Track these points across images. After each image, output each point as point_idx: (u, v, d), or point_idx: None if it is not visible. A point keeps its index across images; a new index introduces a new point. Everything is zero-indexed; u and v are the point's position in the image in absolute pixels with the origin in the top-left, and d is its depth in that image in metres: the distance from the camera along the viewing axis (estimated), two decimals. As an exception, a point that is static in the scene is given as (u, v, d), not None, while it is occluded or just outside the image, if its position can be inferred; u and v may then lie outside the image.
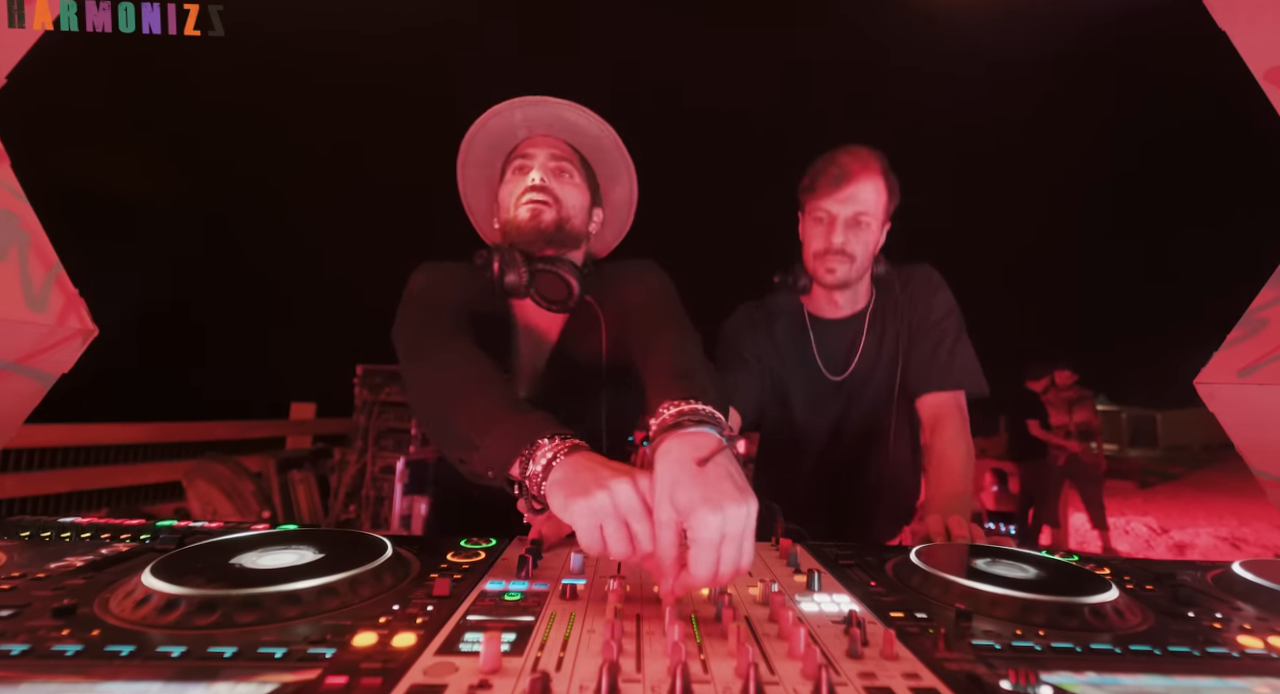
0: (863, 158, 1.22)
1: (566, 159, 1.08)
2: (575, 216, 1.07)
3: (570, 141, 1.09)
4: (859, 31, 20.77)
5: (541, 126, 1.08)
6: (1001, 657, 0.48)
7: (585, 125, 1.09)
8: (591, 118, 1.08)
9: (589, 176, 1.12)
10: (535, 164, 1.06)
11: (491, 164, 1.13)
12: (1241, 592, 0.67)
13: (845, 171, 1.21)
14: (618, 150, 1.12)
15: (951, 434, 1.19)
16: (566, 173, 1.07)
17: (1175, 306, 27.47)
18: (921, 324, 1.29)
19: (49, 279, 1.11)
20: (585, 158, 1.11)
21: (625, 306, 1.03)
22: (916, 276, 1.33)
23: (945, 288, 1.32)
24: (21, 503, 3.64)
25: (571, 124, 1.08)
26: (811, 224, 1.27)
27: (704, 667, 0.44)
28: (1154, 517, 6.60)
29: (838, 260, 1.24)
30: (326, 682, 0.40)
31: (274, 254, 14.17)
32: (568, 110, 1.07)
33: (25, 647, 0.44)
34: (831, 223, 1.23)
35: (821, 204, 1.23)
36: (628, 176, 1.16)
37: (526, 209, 1.03)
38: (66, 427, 3.91)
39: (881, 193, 1.23)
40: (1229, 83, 1.12)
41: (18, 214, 1.07)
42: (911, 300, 1.31)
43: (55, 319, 1.11)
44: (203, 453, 4.04)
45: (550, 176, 1.05)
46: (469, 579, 0.62)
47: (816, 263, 1.27)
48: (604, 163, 1.13)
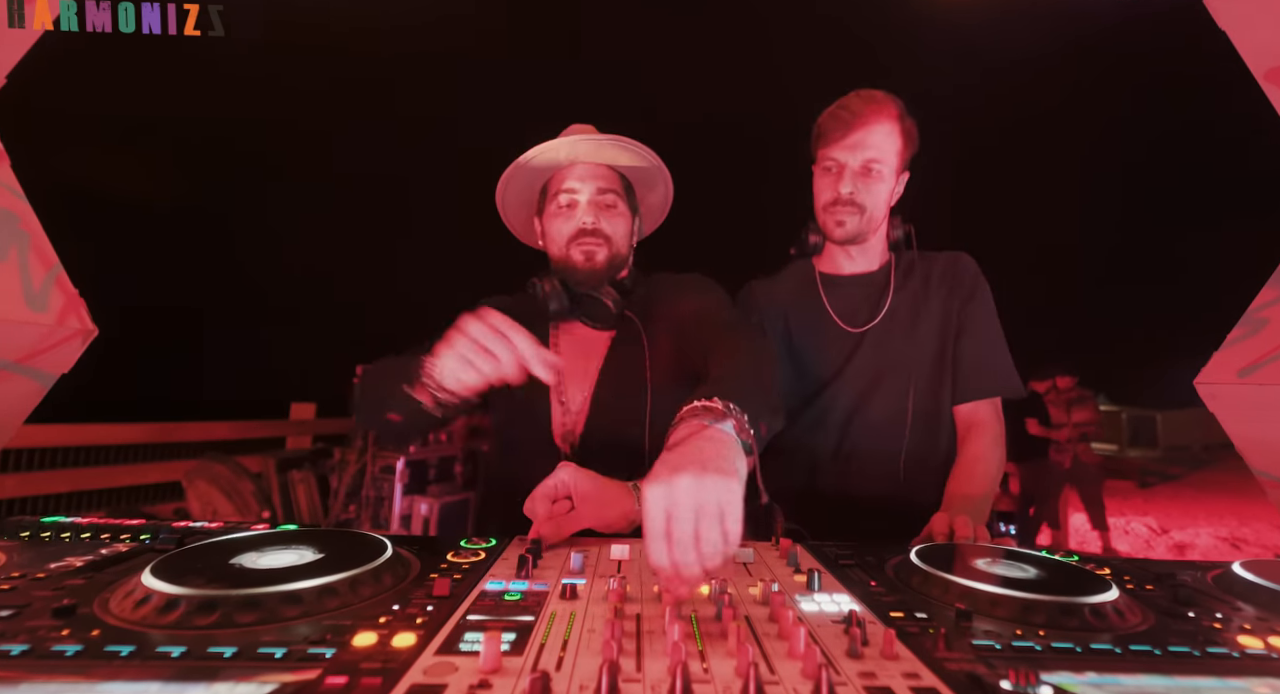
0: (875, 100, 1.14)
1: (612, 190, 1.10)
2: (623, 245, 1.12)
3: (612, 164, 1.12)
4: (857, 34, 20.82)
5: (585, 154, 1.10)
6: (1002, 657, 0.48)
7: (629, 158, 1.12)
8: (635, 149, 1.10)
9: (630, 195, 1.15)
10: (582, 199, 1.09)
11: (532, 189, 1.16)
12: (1241, 592, 0.67)
13: (855, 115, 1.13)
14: (659, 171, 1.15)
15: (988, 442, 1.13)
16: (612, 205, 1.10)
17: (1176, 307, 27.47)
18: (972, 316, 1.19)
19: (49, 279, 1.11)
20: (624, 174, 1.14)
21: (680, 319, 1.08)
22: (963, 262, 1.24)
23: (981, 277, 1.24)
24: (21, 503, 3.63)
25: (606, 149, 1.10)
26: (820, 174, 1.19)
27: (704, 667, 0.44)
28: (1154, 517, 6.60)
29: (847, 211, 1.16)
30: (326, 682, 0.40)
31: (274, 254, 14.18)
32: (610, 147, 1.09)
33: (25, 647, 0.44)
34: (840, 172, 1.15)
35: (830, 152, 1.16)
36: (664, 185, 1.19)
37: (580, 252, 1.08)
38: (66, 427, 3.91)
39: (896, 138, 1.14)
40: (1229, 83, 1.12)
41: (18, 214, 1.07)
42: (960, 285, 1.21)
43: (55, 319, 1.11)
44: (203, 453, 4.04)
45: (599, 213, 1.09)
46: (469, 579, 0.61)
47: (825, 215, 1.19)
48: (644, 179, 1.17)
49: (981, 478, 1.09)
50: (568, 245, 1.08)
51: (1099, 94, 26.72)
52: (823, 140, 1.17)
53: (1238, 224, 20.63)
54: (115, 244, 10.62)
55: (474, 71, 18.86)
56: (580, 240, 1.08)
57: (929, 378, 1.19)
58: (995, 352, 1.19)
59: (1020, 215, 28.53)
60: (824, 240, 1.26)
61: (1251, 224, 14.71)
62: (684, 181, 1.21)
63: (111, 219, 10.85)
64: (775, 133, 23.35)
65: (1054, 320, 28.59)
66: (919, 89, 1.42)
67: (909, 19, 18.05)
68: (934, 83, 23.48)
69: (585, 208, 1.08)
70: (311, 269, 16.33)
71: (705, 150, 20.68)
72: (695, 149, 17.88)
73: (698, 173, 8.72)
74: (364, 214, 19.55)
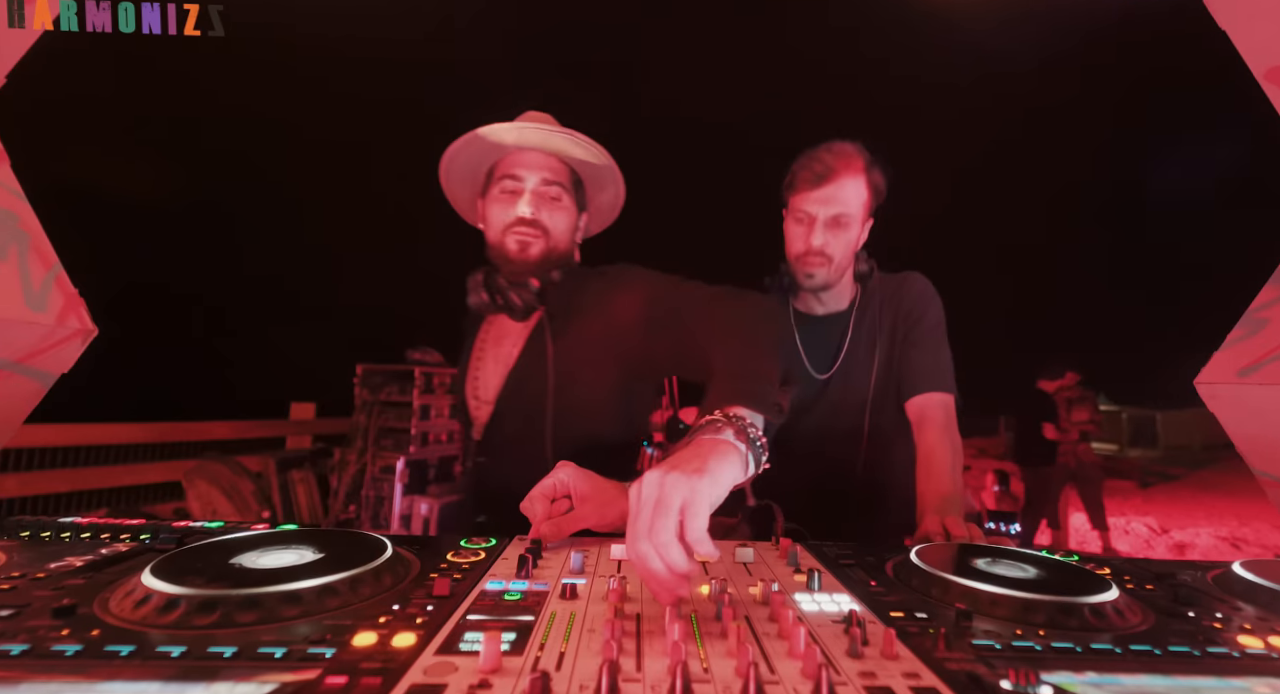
0: (845, 154, 1.21)
1: (558, 183, 1.08)
2: (562, 241, 1.10)
3: (561, 155, 1.10)
4: (857, 36, 20.81)
5: (535, 141, 1.07)
6: (1002, 656, 0.48)
7: (581, 152, 1.10)
8: (588, 145, 1.08)
9: (577, 189, 1.13)
10: (526, 187, 1.06)
11: (477, 168, 1.14)
12: (1242, 592, 0.67)
13: (826, 169, 1.19)
14: (610, 170, 1.13)
15: (937, 432, 1.18)
16: (556, 198, 1.08)
17: (1176, 306, 27.47)
18: (915, 330, 1.29)
19: (49, 279, 1.11)
20: (574, 168, 1.12)
21: (615, 319, 1.05)
22: (910, 285, 1.33)
23: (936, 296, 1.33)
24: (21, 503, 3.63)
25: (556, 140, 1.07)
26: (792, 224, 1.26)
27: (704, 666, 0.44)
28: (1154, 517, 6.60)
29: (816, 264, 1.24)
30: (326, 682, 0.40)
31: (274, 254, 14.18)
32: (560, 138, 1.07)
33: (25, 647, 0.44)
34: (811, 224, 1.22)
35: (801, 204, 1.23)
36: (615, 186, 1.17)
37: (515, 241, 1.06)
38: (66, 426, 3.91)
39: (863, 191, 1.22)
40: (1229, 83, 1.12)
41: (18, 214, 1.07)
42: (905, 307, 1.30)
43: (55, 319, 1.11)
44: (203, 453, 4.04)
45: (540, 204, 1.06)
46: (469, 579, 0.61)
47: (797, 264, 1.27)
48: (595, 177, 1.15)
49: (940, 471, 1.12)
50: (504, 232, 1.06)
51: (1100, 93, 26.72)
52: (795, 190, 1.24)
53: (1238, 224, 20.62)
54: (116, 244, 10.62)
55: (476, 73, 18.90)
56: (516, 229, 1.05)
57: (881, 397, 1.31)
58: (938, 358, 1.28)
59: (1020, 215, 28.50)
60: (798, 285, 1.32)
61: (1251, 224, 14.69)
62: (679, 189, 1.21)
63: (112, 219, 10.85)
64: (772, 133, 23.31)
65: (1054, 320, 28.51)
66: (919, 91, 1.42)
67: (908, 18, 18.06)
68: (934, 82, 23.43)
69: (528, 197, 1.06)
70: (312, 269, 16.34)
71: (700, 159, 20.66)
72: (691, 156, 17.87)
73: (693, 181, 8.60)
74: (365, 214, 19.57)
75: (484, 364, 1.16)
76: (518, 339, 1.13)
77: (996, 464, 4.86)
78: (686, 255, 4.09)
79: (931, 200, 23.84)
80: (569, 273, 1.13)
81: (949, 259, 24.29)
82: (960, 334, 1.36)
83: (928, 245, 8.14)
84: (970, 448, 9.92)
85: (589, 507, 0.79)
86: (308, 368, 7.31)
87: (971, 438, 10.54)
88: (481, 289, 1.09)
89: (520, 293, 1.07)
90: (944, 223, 23.81)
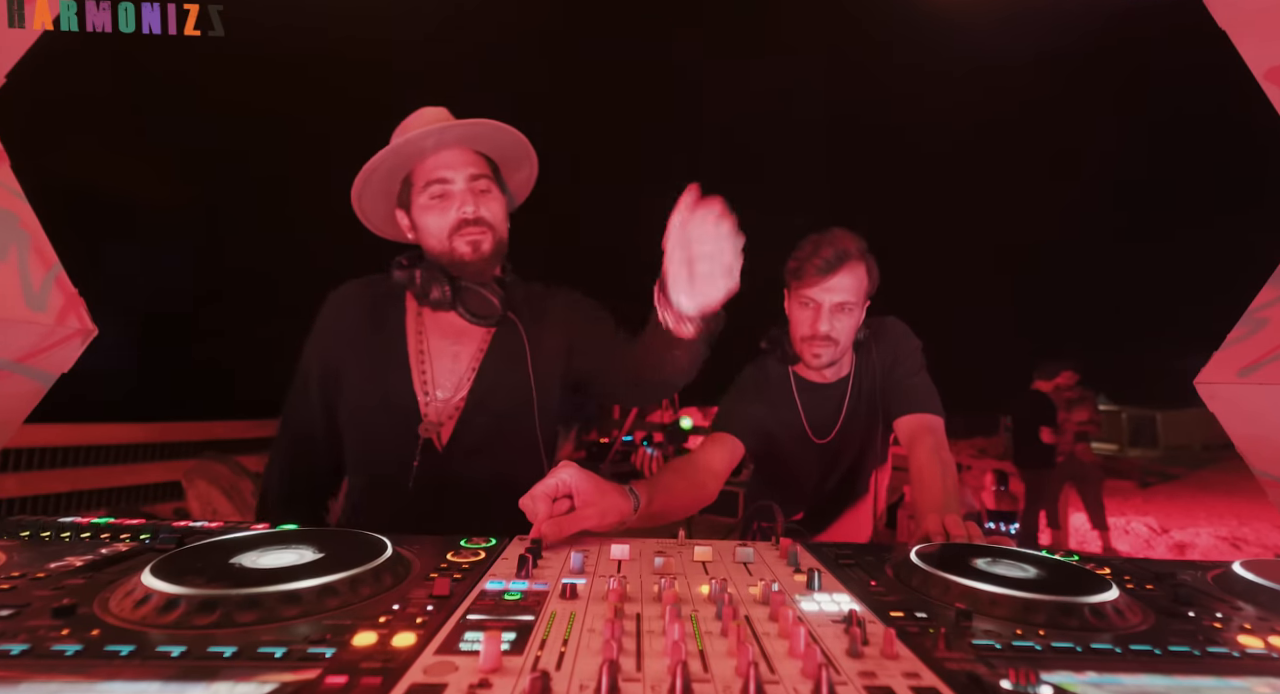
0: (845, 247, 1.29)
1: (484, 175, 1.09)
2: (503, 229, 1.12)
3: (475, 147, 1.10)
4: (858, 30, 20.80)
5: (456, 141, 1.08)
6: (1002, 656, 0.48)
7: (493, 135, 1.10)
8: (505, 131, 1.09)
9: (499, 176, 1.14)
10: (456, 188, 1.06)
11: (392, 180, 1.12)
12: (1242, 591, 0.67)
13: (830, 263, 1.28)
14: (522, 147, 1.14)
15: (927, 449, 1.25)
16: (486, 190, 1.09)
17: (1176, 306, 27.46)
18: (894, 366, 1.41)
19: (49, 279, 1.11)
20: (493, 158, 1.13)
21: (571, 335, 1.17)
22: (885, 330, 1.44)
23: (910, 334, 1.45)
24: (21, 503, 3.63)
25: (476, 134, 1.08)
26: (798, 307, 1.36)
27: (704, 666, 0.44)
28: (1154, 517, 6.60)
29: (823, 346, 1.33)
30: (326, 681, 0.40)
31: (274, 254, 14.18)
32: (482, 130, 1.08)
33: (25, 646, 0.44)
34: (818, 310, 1.31)
35: (808, 292, 1.31)
36: (529, 163, 1.18)
37: (466, 243, 1.06)
38: (66, 426, 3.91)
39: (863, 280, 1.32)
40: (1229, 82, 1.13)
41: (18, 214, 1.07)
42: (883, 352, 1.42)
43: (55, 319, 1.11)
44: (202, 453, 4.04)
45: (477, 200, 1.07)
46: (469, 579, 0.61)
47: (803, 346, 1.36)
48: (510, 159, 1.15)
49: (931, 484, 1.18)
50: (450, 237, 1.05)
51: (1100, 92, 26.71)
52: (801, 280, 1.32)
53: (1238, 224, 20.62)
54: (115, 244, 10.62)
55: (476, 75, 18.91)
56: (464, 231, 1.05)
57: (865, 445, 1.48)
58: (918, 385, 1.38)
59: (1020, 214, 28.51)
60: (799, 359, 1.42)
61: (1252, 224, 14.70)
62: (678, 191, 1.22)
63: (111, 219, 10.85)
64: (770, 137, 23.35)
65: (1054, 320, 28.56)
66: (919, 87, 1.43)
67: (907, 17, 18.06)
68: (934, 80, 23.48)
69: (462, 196, 1.05)
70: (312, 268, 16.29)
71: (700, 159, 20.67)
72: (690, 158, 17.87)
73: (700, 174, 8.61)
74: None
75: (430, 360, 1.12)
76: (479, 341, 1.13)
77: (996, 464, 4.86)
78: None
79: (933, 198, 23.85)
80: (527, 286, 1.18)
81: (949, 259, 24.29)
82: (960, 333, 1.37)
83: (929, 245, 8.17)
84: (970, 448, 9.93)
85: (591, 508, 0.79)
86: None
87: (972, 438, 10.54)
88: (445, 287, 1.06)
89: (496, 298, 1.08)
90: (945, 222, 23.83)
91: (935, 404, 1.35)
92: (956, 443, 9.44)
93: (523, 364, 1.11)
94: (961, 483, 1.33)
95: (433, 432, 1.09)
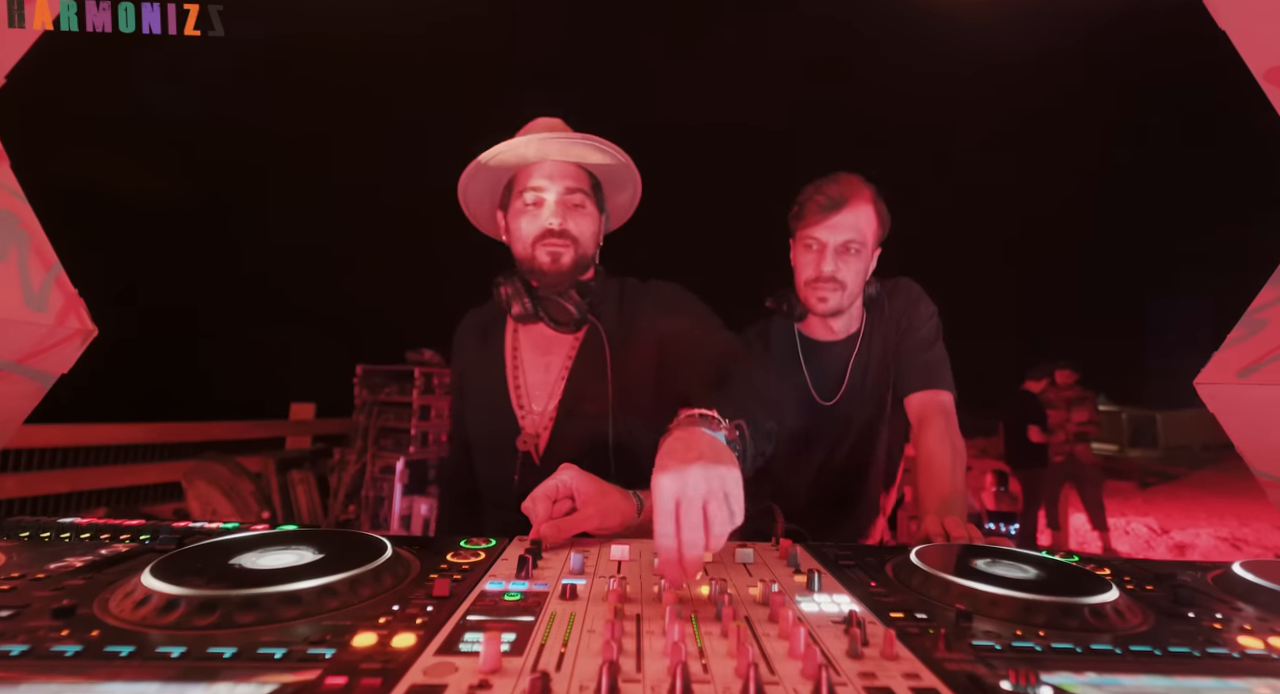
0: (853, 185, 1.23)
1: (581, 190, 1.08)
2: (589, 246, 1.10)
3: (581, 163, 1.10)
4: (853, 30, 20.79)
5: (555, 152, 1.08)
6: (1002, 657, 0.48)
7: (600, 157, 1.09)
8: (606, 148, 1.08)
9: (598, 193, 1.13)
10: (549, 198, 1.07)
11: (496, 183, 1.14)
12: (1242, 592, 0.67)
13: (834, 199, 1.22)
14: (628, 170, 1.13)
15: (938, 433, 1.20)
16: (580, 205, 1.08)
17: (1176, 306, 27.45)
18: (907, 332, 1.32)
19: (49, 279, 1.11)
20: (592, 172, 1.12)
21: (662, 336, 1.09)
22: (900, 291, 1.36)
23: (926, 298, 1.35)
24: (21, 503, 3.63)
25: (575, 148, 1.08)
26: (801, 251, 1.28)
27: (704, 667, 0.44)
28: (1154, 517, 6.60)
29: (829, 288, 1.25)
30: (326, 682, 0.40)
31: (274, 254, 14.17)
32: (580, 145, 1.07)
33: (25, 647, 0.44)
34: (822, 250, 1.24)
35: (811, 232, 1.25)
36: (633, 185, 1.17)
37: (546, 253, 1.06)
38: (66, 427, 3.91)
39: (872, 220, 1.24)
40: (1229, 82, 1.13)
41: (18, 214, 1.07)
42: (896, 314, 1.34)
43: (55, 319, 1.11)
44: (202, 453, 4.04)
45: (566, 214, 1.07)
46: (469, 579, 0.61)
47: (808, 291, 1.28)
48: (613, 178, 1.15)
49: (940, 473, 1.14)
50: (533, 246, 1.06)
51: (1100, 92, 26.69)
52: (803, 220, 1.26)
53: (1238, 224, 20.62)
54: (115, 244, 10.61)
55: (476, 75, 18.87)
56: (546, 241, 1.05)
57: (875, 412, 1.37)
58: (932, 357, 1.29)
59: (1021, 214, 28.49)
60: (806, 310, 1.34)
61: (1251, 224, 14.69)
62: (681, 191, 1.22)
63: (111, 219, 10.84)
64: (766, 134, 23.28)
65: (1054, 320, 28.55)
66: (919, 86, 1.43)
67: (906, 16, 18.03)
68: (934, 79, 23.44)
69: (553, 208, 1.06)
70: (312, 269, 16.33)
71: (702, 158, 20.62)
72: (690, 156, 17.82)
73: (695, 182, 8.53)
74: (365, 214, 19.55)
75: (524, 373, 1.13)
76: (567, 348, 1.13)
77: (996, 464, 4.86)
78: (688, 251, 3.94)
79: (934, 197, 23.85)
80: (613, 283, 1.16)
81: (950, 258, 24.27)
82: (961, 332, 1.37)
83: (928, 246, 8.17)
84: (970, 448, 9.91)
85: (592, 509, 0.79)
86: (308, 368, 7.31)
87: (972, 438, 10.53)
88: (525, 299, 1.07)
89: (573, 305, 1.07)
90: (945, 222, 23.81)
91: (948, 380, 1.27)
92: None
93: (603, 372, 1.08)
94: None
95: (530, 444, 1.09)
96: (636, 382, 1.09)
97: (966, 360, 1.38)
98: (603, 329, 1.10)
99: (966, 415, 1.27)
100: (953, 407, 1.25)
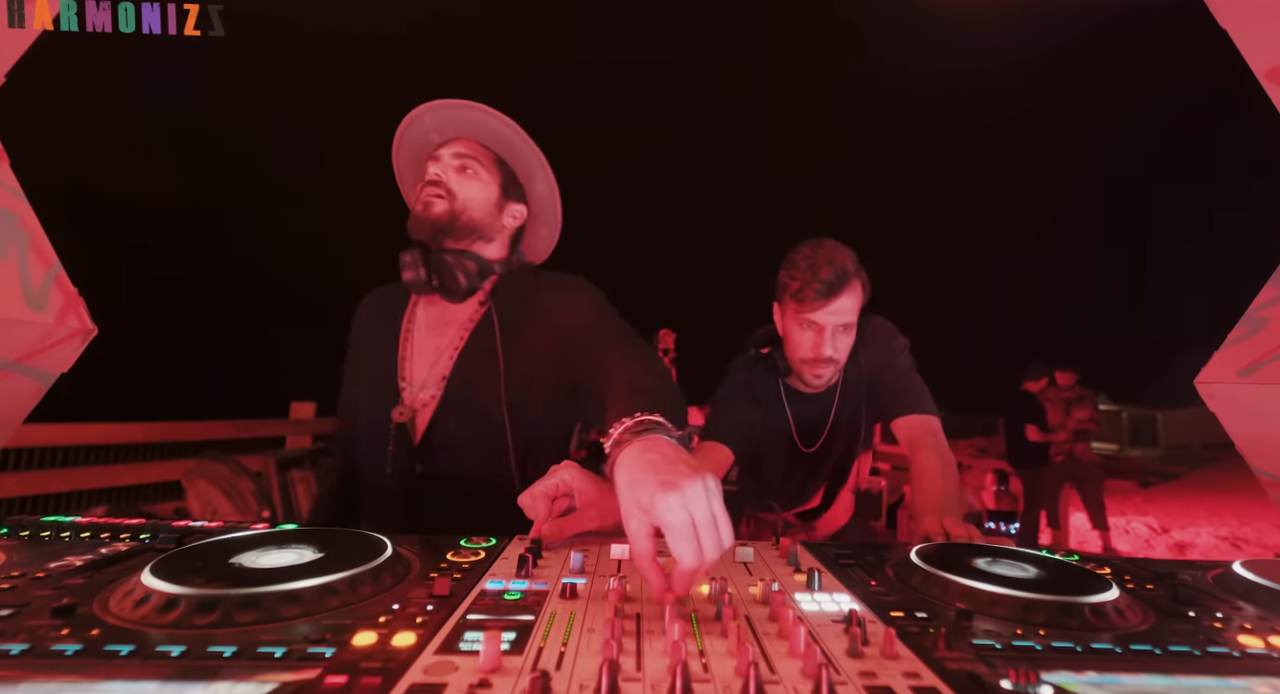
0: (844, 265, 1.27)
1: (472, 156, 1.12)
2: (474, 208, 1.11)
3: (482, 141, 1.14)
4: (853, 31, 20.81)
5: (453, 130, 1.14)
6: (1002, 656, 0.48)
7: (493, 125, 1.12)
8: (496, 116, 1.12)
9: (504, 173, 1.16)
10: (440, 164, 1.11)
11: (418, 168, 1.18)
12: (1242, 591, 0.67)
13: (833, 286, 1.26)
14: (527, 146, 1.15)
15: (928, 452, 1.25)
16: (469, 168, 1.12)
17: (1176, 306, 27.46)
18: (883, 368, 1.39)
19: (49, 279, 1.11)
20: (501, 157, 1.15)
21: (561, 327, 1.07)
22: (870, 332, 1.41)
23: (897, 333, 1.42)
24: (21, 503, 3.63)
25: (479, 124, 1.13)
26: (796, 328, 1.32)
27: (704, 666, 0.44)
28: (1154, 516, 6.60)
29: (826, 367, 1.32)
30: (326, 681, 0.40)
31: (274, 253, 14.17)
32: (472, 111, 1.11)
33: (25, 646, 0.44)
34: (820, 333, 1.29)
35: (809, 316, 1.29)
36: (543, 173, 1.18)
37: (420, 202, 1.10)
38: (66, 426, 3.90)
39: (860, 296, 1.31)
40: (1229, 82, 1.13)
41: (18, 214, 1.07)
42: (871, 355, 1.40)
43: (55, 318, 1.11)
44: (202, 453, 4.03)
45: (450, 172, 1.11)
46: (469, 578, 0.61)
47: (804, 367, 1.34)
48: (518, 160, 1.17)
49: (934, 481, 1.18)
50: (415, 201, 1.11)
51: (1099, 92, 26.72)
52: (803, 304, 1.28)
53: (1238, 223, 20.63)
54: (116, 244, 10.61)
55: (474, 74, 18.88)
56: (423, 190, 1.10)
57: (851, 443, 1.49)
58: (911, 385, 1.37)
59: (1020, 213, 28.49)
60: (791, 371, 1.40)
61: (1252, 223, 14.69)
62: (680, 187, 1.22)
63: (111, 219, 10.85)
64: (767, 137, 23.27)
65: (1054, 320, 28.51)
66: (919, 86, 1.43)
67: (905, 15, 18.05)
68: (934, 79, 23.42)
69: (437, 167, 1.11)
70: (311, 268, 16.34)
71: (702, 157, 20.60)
72: (691, 154, 17.78)
73: (696, 180, 8.57)
74: (364, 214, 19.57)
75: (413, 347, 1.12)
76: (460, 329, 1.12)
77: (996, 463, 4.86)
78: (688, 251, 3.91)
79: (935, 199, 23.85)
80: (523, 273, 1.18)
81: (949, 260, 24.26)
82: (961, 332, 1.37)
83: (927, 245, 8.10)
84: (971, 448, 9.92)
85: (592, 509, 0.79)
86: (308, 368, 7.31)
87: (973, 438, 10.54)
88: (420, 265, 1.09)
89: (463, 274, 1.08)
90: (946, 221, 23.81)
91: (930, 403, 1.35)
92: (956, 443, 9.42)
93: (493, 357, 1.07)
94: (962, 483, 1.33)
95: (406, 416, 1.07)
96: (531, 370, 1.07)
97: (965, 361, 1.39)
98: (497, 311, 1.09)
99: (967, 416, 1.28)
100: (940, 428, 1.30)
